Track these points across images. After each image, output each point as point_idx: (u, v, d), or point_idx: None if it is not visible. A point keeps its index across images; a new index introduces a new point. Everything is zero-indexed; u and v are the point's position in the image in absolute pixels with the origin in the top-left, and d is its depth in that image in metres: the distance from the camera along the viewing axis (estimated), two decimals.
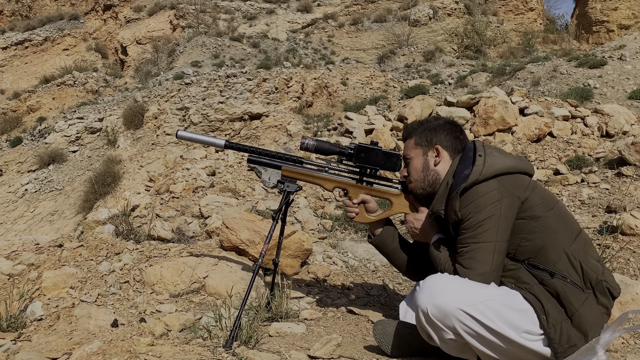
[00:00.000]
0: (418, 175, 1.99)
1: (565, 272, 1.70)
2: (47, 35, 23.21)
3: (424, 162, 1.98)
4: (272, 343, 1.99)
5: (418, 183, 2.00)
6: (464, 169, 1.82)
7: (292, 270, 2.94)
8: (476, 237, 1.72)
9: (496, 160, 1.78)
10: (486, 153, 1.81)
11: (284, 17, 22.01)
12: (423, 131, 2.01)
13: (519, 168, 1.81)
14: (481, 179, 1.74)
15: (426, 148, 1.99)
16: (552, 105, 6.66)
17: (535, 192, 1.78)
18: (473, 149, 1.87)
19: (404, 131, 2.10)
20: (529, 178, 1.83)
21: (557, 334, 1.63)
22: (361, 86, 16.15)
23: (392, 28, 19.81)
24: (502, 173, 1.76)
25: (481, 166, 1.76)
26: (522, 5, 22.71)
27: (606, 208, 4.13)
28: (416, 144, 2.01)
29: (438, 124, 2.02)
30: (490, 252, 1.71)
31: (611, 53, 11.52)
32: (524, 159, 1.89)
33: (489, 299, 1.64)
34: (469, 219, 1.74)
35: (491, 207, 1.71)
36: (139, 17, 23.08)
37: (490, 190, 1.73)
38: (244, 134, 13.13)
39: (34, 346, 1.95)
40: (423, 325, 1.72)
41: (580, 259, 1.71)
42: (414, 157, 2.00)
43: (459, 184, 1.77)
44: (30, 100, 19.10)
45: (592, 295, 1.68)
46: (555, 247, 1.72)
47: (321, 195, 5.16)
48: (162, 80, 15.43)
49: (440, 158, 1.97)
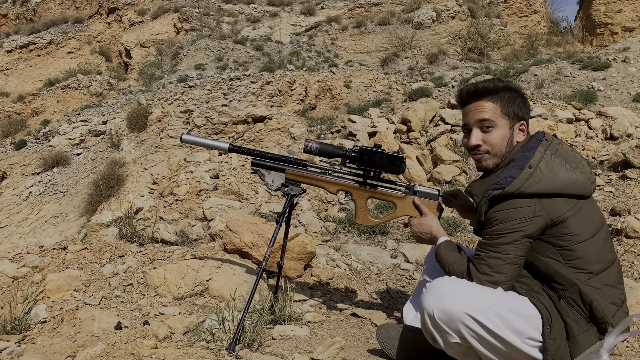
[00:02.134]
0: (500, 150, 1.79)
1: (572, 301, 1.66)
2: (51, 39, 23.35)
3: (509, 136, 1.80)
4: (275, 346, 1.99)
5: (495, 157, 1.81)
6: (509, 171, 1.68)
7: (295, 273, 2.94)
8: (496, 247, 1.67)
9: (546, 177, 1.62)
10: (539, 166, 1.64)
11: (288, 20, 22.07)
12: (510, 100, 1.80)
13: (569, 190, 1.64)
14: (518, 193, 1.62)
15: (514, 121, 1.80)
16: (556, 107, 6.65)
17: (577, 218, 1.64)
18: (534, 149, 1.70)
19: (477, 89, 1.82)
20: (577, 201, 1.65)
21: (554, 347, 1.61)
22: (364, 89, 16.17)
23: (395, 31, 19.85)
24: (545, 194, 1.62)
25: (524, 181, 1.62)
26: (525, 8, 22.71)
27: (610, 211, 4.11)
28: (504, 113, 1.79)
29: (522, 93, 1.83)
30: (507, 264, 1.66)
31: (615, 55, 11.50)
32: (582, 177, 1.67)
33: (496, 304, 1.63)
34: (494, 226, 1.67)
35: (519, 222, 1.63)
36: (142, 20, 23.18)
37: (523, 206, 1.62)
38: (248, 136, 13.16)
39: (38, 348, 1.95)
40: (428, 327, 1.71)
41: (592, 297, 1.64)
42: (500, 126, 1.79)
43: (496, 188, 1.67)
44: (34, 103, 19.21)
45: (594, 329, 1.65)
46: (568, 278, 1.66)
47: (324, 198, 5.16)
48: (166, 83, 15.48)
49: (525, 135, 1.81)
